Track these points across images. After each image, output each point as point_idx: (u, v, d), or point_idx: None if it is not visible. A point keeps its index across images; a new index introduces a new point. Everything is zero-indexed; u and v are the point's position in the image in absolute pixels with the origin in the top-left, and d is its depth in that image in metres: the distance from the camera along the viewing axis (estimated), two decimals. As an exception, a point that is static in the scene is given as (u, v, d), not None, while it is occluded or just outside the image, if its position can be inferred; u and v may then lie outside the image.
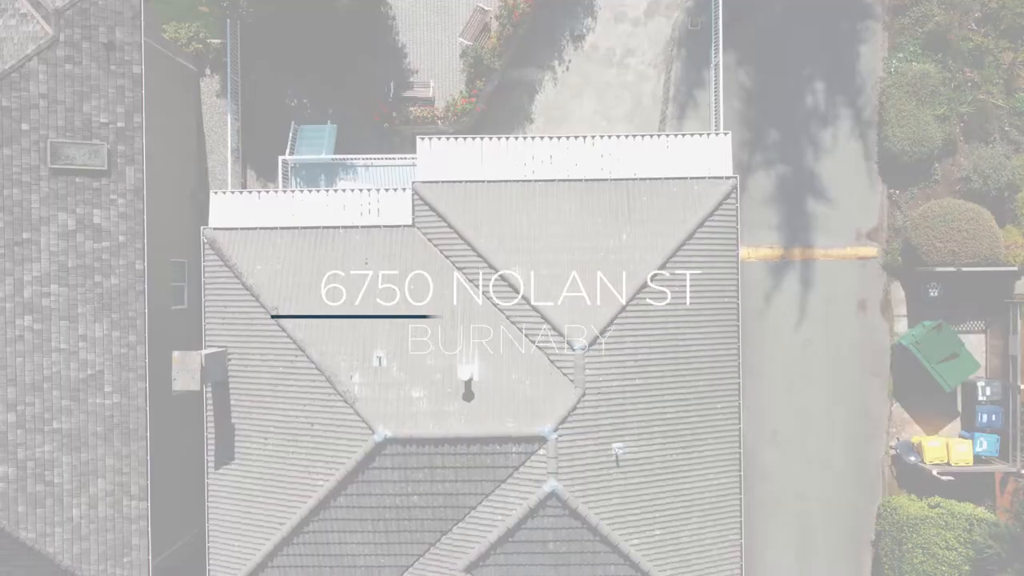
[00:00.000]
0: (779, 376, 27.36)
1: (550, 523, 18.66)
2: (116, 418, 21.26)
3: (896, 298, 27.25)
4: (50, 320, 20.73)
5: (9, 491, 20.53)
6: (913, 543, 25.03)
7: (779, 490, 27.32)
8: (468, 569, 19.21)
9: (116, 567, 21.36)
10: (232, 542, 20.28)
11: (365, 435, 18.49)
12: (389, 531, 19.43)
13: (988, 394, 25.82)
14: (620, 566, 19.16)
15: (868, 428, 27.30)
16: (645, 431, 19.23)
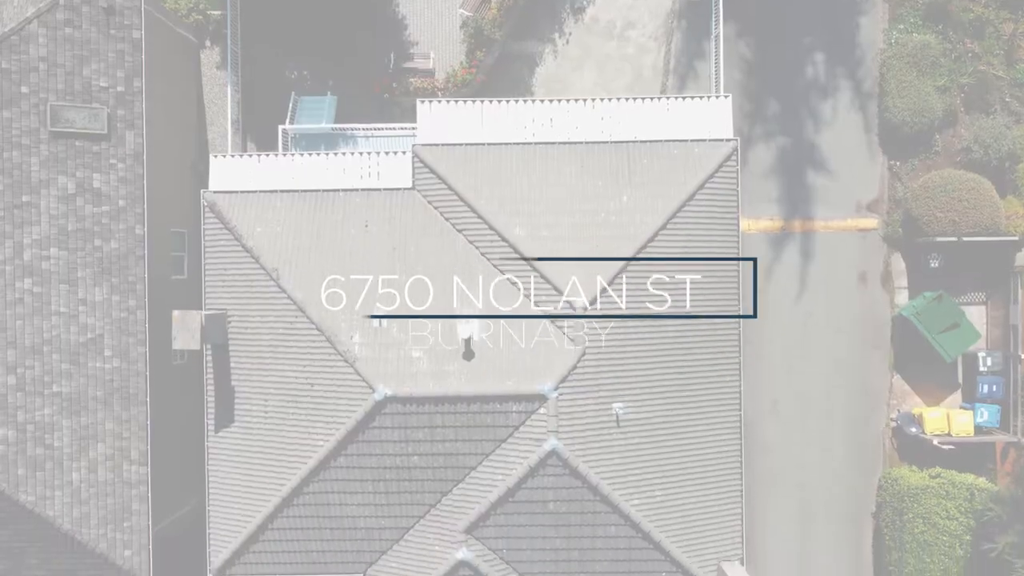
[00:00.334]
0: (779, 349, 27.33)
1: (550, 483, 18.64)
2: (116, 382, 21.23)
3: (897, 270, 27.23)
4: (50, 283, 20.70)
5: (9, 454, 20.51)
6: (914, 513, 25.01)
7: (779, 462, 27.29)
8: (468, 530, 19.18)
9: (116, 531, 21.33)
10: (232, 505, 20.25)
11: (365, 394, 18.47)
12: (389, 492, 19.40)
13: (989, 364, 25.81)
14: (620, 527, 19.13)
15: (868, 400, 27.28)
16: (645, 392, 19.20)
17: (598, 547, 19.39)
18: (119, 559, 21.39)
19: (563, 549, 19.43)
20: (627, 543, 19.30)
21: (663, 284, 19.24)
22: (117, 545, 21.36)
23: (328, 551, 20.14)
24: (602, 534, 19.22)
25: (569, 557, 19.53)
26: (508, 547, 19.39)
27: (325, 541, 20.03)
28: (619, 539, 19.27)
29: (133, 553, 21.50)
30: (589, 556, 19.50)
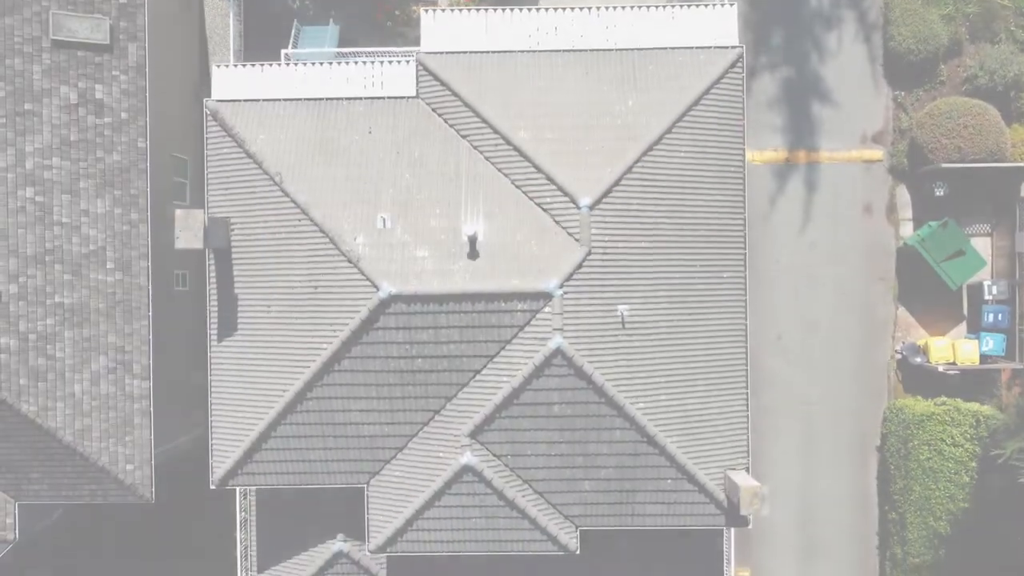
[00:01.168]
0: (783, 280, 27.24)
1: (555, 383, 18.51)
2: (118, 295, 21.13)
3: (902, 202, 27.14)
4: (52, 193, 20.61)
5: (11, 363, 20.41)
6: (919, 440, 24.90)
7: (783, 395, 27.20)
8: (473, 435, 19.06)
9: (119, 445, 21.24)
10: (235, 414, 20.12)
11: (369, 293, 18.35)
12: (393, 397, 19.27)
13: (994, 293, 25.70)
14: (626, 431, 19.01)
15: (873, 332, 27.18)
16: (651, 295, 19.07)
17: (603, 452, 19.25)
18: (121, 473, 21.29)
19: (568, 455, 19.30)
20: (632, 448, 19.17)
21: (669, 185, 19.10)
22: (119, 459, 21.26)
23: (331, 460, 20.01)
24: (607, 439, 19.08)
25: (574, 463, 19.40)
26: (512, 452, 19.26)
27: (328, 449, 19.90)
28: (624, 444, 19.14)
29: (135, 468, 21.40)
30: (594, 462, 19.37)
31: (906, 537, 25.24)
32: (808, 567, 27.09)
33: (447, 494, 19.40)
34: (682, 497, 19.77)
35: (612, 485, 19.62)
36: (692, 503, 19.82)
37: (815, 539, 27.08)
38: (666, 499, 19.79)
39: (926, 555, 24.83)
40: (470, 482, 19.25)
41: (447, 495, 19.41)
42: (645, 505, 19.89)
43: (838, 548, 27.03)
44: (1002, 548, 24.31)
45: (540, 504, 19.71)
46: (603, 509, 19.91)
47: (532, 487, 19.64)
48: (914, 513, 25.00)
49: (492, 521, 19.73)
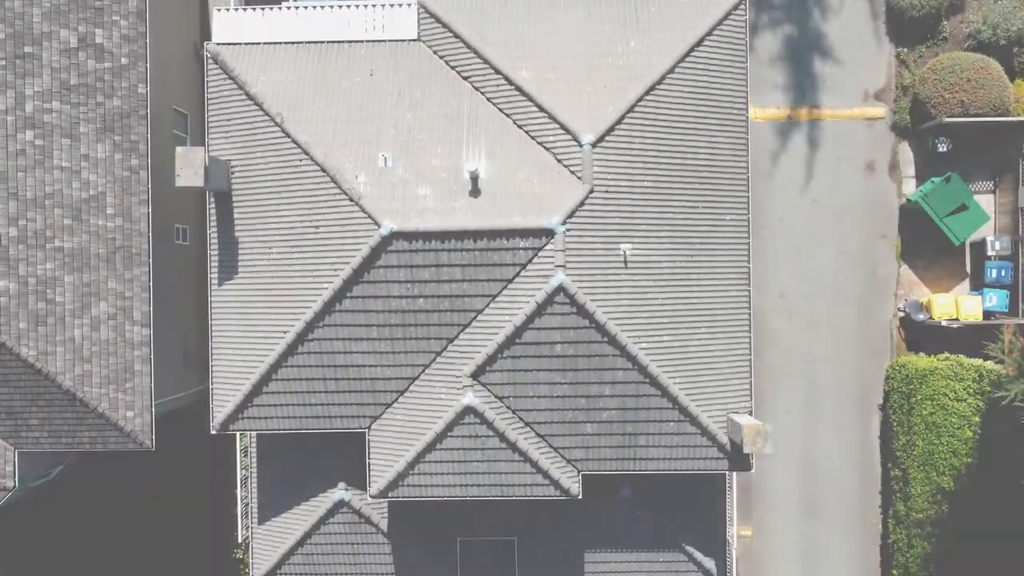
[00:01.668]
0: (786, 238, 27.19)
1: (557, 322, 18.43)
2: (119, 241, 21.05)
3: (904, 159, 27.07)
4: (52, 137, 20.51)
5: (10, 306, 20.32)
6: (922, 394, 24.81)
7: (786, 354, 27.15)
8: (475, 375, 18.97)
9: (119, 392, 21.15)
10: (235, 357, 20.03)
11: (371, 231, 18.26)
12: (395, 338, 19.18)
13: (997, 249, 25.63)
14: (628, 371, 18.92)
15: (876, 290, 27.12)
16: (653, 234, 18.99)
17: (605, 394, 19.17)
18: (121, 420, 21.21)
19: (570, 396, 19.21)
20: (635, 389, 19.09)
21: (671, 125, 19.02)
22: (119, 406, 21.17)
23: (332, 404, 19.91)
24: (609, 379, 18.99)
25: (576, 405, 19.31)
26: (514, 394, 19.18)
27: (329, 393, 19.81)
28: (627, 385, 19.05)
29: (135, 415, 21.32)
30: (596, 404, 19.28)
31: (909, 492, 25.16)
32: (810, 524, 27.02)
33: (448, 436, 19.31)
34: (684, 440, 19.69)
35: (614, 428, 19.54)
36: (694, 446, 19.74)
37: (817, 497, 27.02)
38: (668, 442, 19.70)
39: (929, 510, 24.74)
40: (471, 424, 19.15)
41: (448, 437, 19.32)
42: (647, 448, 19.81)
43: (840, 506, 26.96)
44: (1005, 503, 24.20)
45: (542, 447, 19.62)
46: (605, 453, 19.82)
47: (534, 430, 19.55)
48: (917, 468, 24.91)
49: (494, 465, 19.64)
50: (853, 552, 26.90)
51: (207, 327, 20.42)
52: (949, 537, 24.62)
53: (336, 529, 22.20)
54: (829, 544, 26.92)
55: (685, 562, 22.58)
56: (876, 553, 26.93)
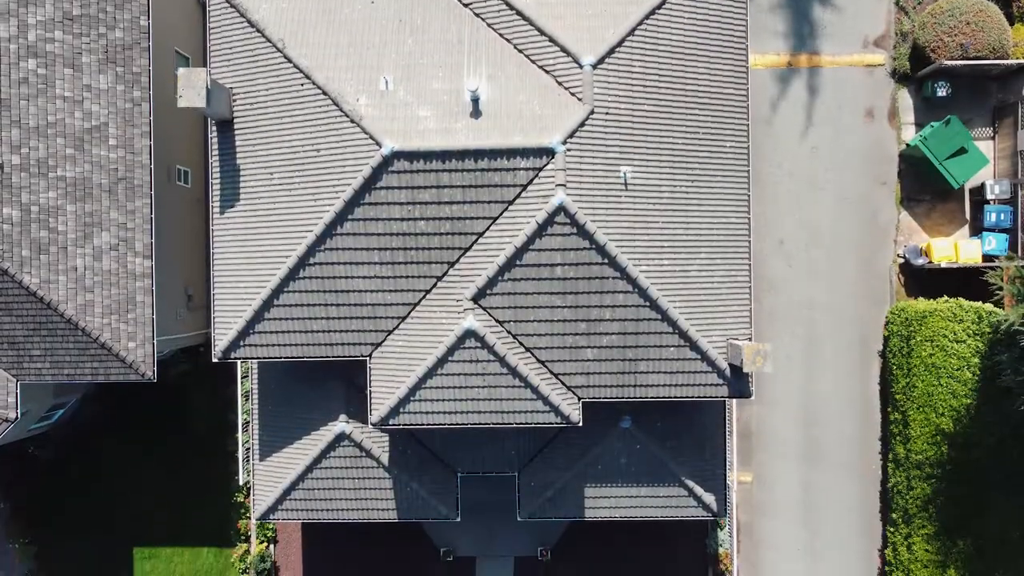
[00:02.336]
0: (785, 185, 27.27)
1: (558, 243, 18.48)
2: (121, 172, 21.13)
3: (903, 106, 27.15)
4: (55, 66, 20.60)
5: (13, 234, 20.40)
6: (921, 336, 24.88)
7: (786, 300, 27.22)
8: (475, 299, 19.03)
9: (121, 322, 21.23)
10: (237, 284, 20.08)
11: (372, 151, 18.32)
12: (396, 262, 19.25)
13: (997, 192, 25.72)
14: (628, 294, 18.97)
15: (875, 237, 27.21)
16: (654, 158, 19.05)
17: (605, 318, 19.21)
18: (123, 351, 21.29)
19: (570, 320, 19.26)
20: (635, 313, 19.14)
21: (672, 49, 19.09)
22: (121, 336, 21.25)
23: (334, 330, 19.97)
24: (609, 303, 19.04)
25: (576, 330, 19.36)
26: (515, 318, 19.23)
27: (331, 319, 19.86)
28: (627, 309, 19.10)
29: (137, 345, 21.39)
30: (596, 328, 19.32)
31: (908, 435, 25.22)
32: (810, 470, 27.07)
33: (449, 361, 19.35)
34: (684, 366, 19.73)
35: (614, 353, 19.59)
36: (694, 372, 19.77)
37: (817, 443, 27.08)
38: (668, 368, 19.74)
39: (929, 451, 24.80)
40: (472, 348, 19.20)
41: (449, 362, 19.37)
42: (647, 375, 19.85)
43: (840, 452, 27.03)
44: (1004, 446, 24.26)
45: (542, 373, 19.67)
46: (605, 379, 19.86)
47: (534, 355, 19.60)
48: (916, 410, 24.98)
49: (494, 391, 19.68)
50: (853, 497, 26.96)
51: (208, 271, 20.49)
52: (948, 478, 24.67)
53: (337, 463, 22.27)
54: (829, 490, 26.98)
55: (685, 496, 22.65)
56: (876, 499, 26.99)
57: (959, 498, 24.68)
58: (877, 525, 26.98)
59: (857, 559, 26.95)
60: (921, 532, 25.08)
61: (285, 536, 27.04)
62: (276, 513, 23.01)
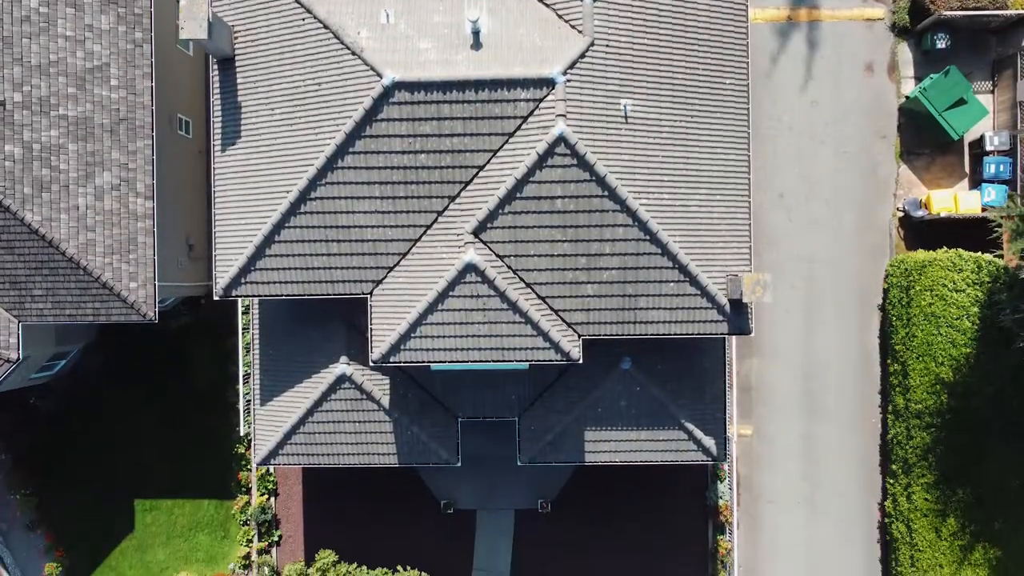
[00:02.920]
0: (785, 139, 27.33)
1: (558, 175, 18.54)
2: (122, 112, 21.19)
3: (903, 60, 27.21)
4: (57, 5, 20.66)
5: (15, 171, 20.46)
6: (921, 286, 24.93)
7: (786, 253, 27.27)
8: (476, 232, 19.09)
9: (122, 263, 21.29)
10: (238, 221, 20.14)
11: (373, 82, 18.38)
12: (396, 197, 19.30)
13: (996, 144, 25.77)
14: (628, 227, 19.02)
15: (875, 190, 27.27)
16: (654, 92, 19.12)
17: (606, 252, 19.27)
18: (124, 291, 21.34)
19: (570, 255, 19.32)
20: (635, 247, 19.19)
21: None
22: (123, 276, 21.31)
23: (335, 267, 20.01)
24: (609, 236, 19.10)
25: (576, 264, 19.42)
26: (515, 252, 19.28)
27: (332, 256, 19.91)
28: (627, 243, 19.16)
29: (139, 286, 21.45)
30: (597, 263, 19.37)
31: (908, 384, 25.27)
32: (810, 424, 27.12)
33: (450, 296, 19.41)
34: (684, 302, 19.78)
35: (614, 289, 19.64)
36: (694, 308, 19.83)
37: (817, 396, 27.13)
38: (668, 304, 19.80)
39: (928, 400, 24.83)
40: (473, 283, 19.26)
41: (450, 297, 19.42)
42: (647, 311, 19.90)
43: (840, 405, 27.07)
44: (1003, 394, 24.31)
45: (542, 309, 19.72)
46: (605, 316, 19.92)
47: (534, 291, 19.65)
48: (916, 360, 25.02)
49: (494, 327, 19.72)
50: (853, 451, 27.00)
51: (209, 224, 20.50)
52: (948, 427, 24.71)
53: (337, 406, 22.32)
54: (829, 443, 27.03)
55: (685, 440, 22.70)
56: (876, 452, 27.03)
57: (959, 447, 24.71)
58: (877, 478, 27.03)
59: (857, 512, 26.99)
60: (921, 481, 25.13)
61: (286, 489, 27.09)
62: (277, 458, 23.06)
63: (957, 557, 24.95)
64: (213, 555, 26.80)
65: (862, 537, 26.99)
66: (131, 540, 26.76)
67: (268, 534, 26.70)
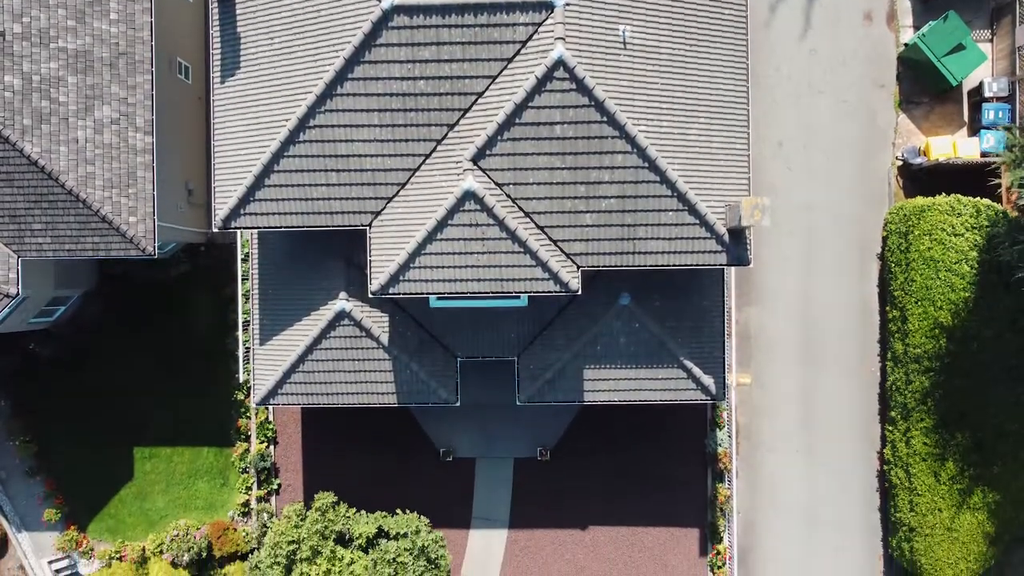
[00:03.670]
0: (784, 87, 27.34)
1: (557, 99, 18.55)
2: (122, 46, 21.20)
3: (902, 8, 27.24)
4: (54, -63, 20.69)
5: (15, 102, 20.48)
6: (920, 230, 24.94)
7: (785, 202, 27.28)
8: (475, 159, 19.10)
9: (122, 196, 21.31)
10: (238, 152, 20.17)
11: (372, 6, 18.41)
12: (396, 124, 19.32)
13: (995, 90, 25.77)
14: (627, 154, 19.04)
15: (874, 139, 27.28)
16: (653, 18, 19.14)
17: (604, 180, 19.29)
18: (124, 224, 21.36)
19: (569, 183, 19.34)
20: (634, 175, 19.21)
21: (670, -91, 19.20)
22: (122, 210, 21.33)
23: (334, 198, 20.03)
24: (608, 163, 19.12)
25: (575, 193, 19.43)
26: (514, 180, 19.30)
27: (331, 186, 19.94)
28: (626, 170, 19.18)
29: (138, 220, 21.47)
30: (595, 192, 19.39)
31: (907, 330, 25.27)
32: (809, 373, 27.13)
33: (449, 225, 19.42)
34: (683, 232, 19.81)
35: (613, 219, 19.65)
36: (693, 238, 19.85)
37: (816, 345, 27.14)
38: (667, 234, 19.82)
39: (927, 344, 24.83)
40: (471, 211, 19.27)
41: (449, 226, 19.43)
42: (646, 241, 19.92)
43: (839, 354, 27.08)
44: (1002, 339, 24.31)
45: (541, 239, 19.74)
46: (604, 246, 19.92)
47: (533, 220, 19.66)
48: (914, 304, 25.02)
49: (493, 257, 19.73)
50: (852, 399, 27.01)
51: (208, 171, 20.49)
52: (946, 371, 24.71)
53: (336, 344, 22.34)
54: (828, 392, 27.04)
55: (684, 379, 22.72)
56: (875, 401, 27.04)
57: (957, 391, 24.72)
58: (876, 428, 27.04)
59: (856, 461, 27.00)
60: (919, 426, 25.13)
61: (285, 439, 27.10)
62: (276, 398, 23.08)
63: (956, 501, 24.96)
64: (212, 503, 26.80)
65: (861, 486, 27.00)
66: (130, 488, 26.77)
67: (267, 482, 26.71)
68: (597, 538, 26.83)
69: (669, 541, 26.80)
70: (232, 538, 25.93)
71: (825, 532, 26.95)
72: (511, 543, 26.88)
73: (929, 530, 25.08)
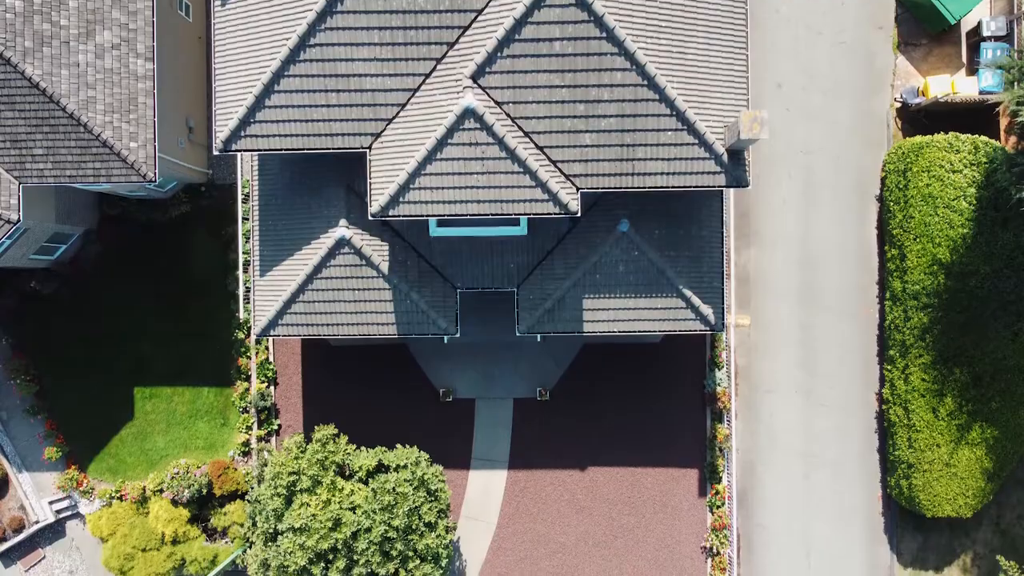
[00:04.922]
0: (783, 30, 27.41)
1: (556, 15, 18.61)
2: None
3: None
4: None
5: (16, 23, 20.53)
6: (918, 167, 25.03)
7: (783, 144, 27.36)
8: (474, 76, 19.16)
9: (123, 121, 21.37)
10: (239, 73, 20.21)
11: (372, -79, 18.51)
12: (395, 43, 19.38)
13: (993, 29, 25.86)
14: (626, 72, 19.10)
15: (872, 81, 27.35)
16: (651, -63, 19.24)
17: (604, 99, 19.35)
18: (125, 150, 21.43)
19: (569, 101, 19.40)
20: (633, 93, 19.28)
21: None
22: (123, 135, 21.39)
23: (334, 119, 20.07)
24: (608, 81, 19.17)
25: (575, 112, 19.49)
26: (514, 99, 19.36)
27: (331, 107, 19.98)
28: (625, 88, 19.24)
29: (139, 146, 21.53)
30: (595, 111, 19.45)
31: (905, 267, 25.34)
32: (808, 314, 27.21)
33: (448, 144, 19.48)
34: (682, 152, 19.87)
35: (612, 138, 19.71)
36: (692, 159, 19.92)
37: (815, 287, 27.22)
38: (666, 154, 19.88)
39: (926, 281, 24.90)
40: (471, 130, 19.33)
41: (448, 145, 19.49)
42: (645, 162, 19.98)
43: (838, 295, 27.16)
44: (1000, 275, 24.38)
45: (541, 160, 19.79)
46: (603, 167, 19.98)
47: (533, 140, 19.71)
48: (913, 241, 25.10)
49: (493, 177, 19.80)
50: (851, 340, 27.09)
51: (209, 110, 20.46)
52: (945, 307, 24.79)
53: (337, 273, 22.39)
54: (827, 333, 27.11)
55: (683, 308, 22.77)
56: (874, 343, 27.12)
57: (955, 327, 24.80)
58: (875, 369, 27.12)
59: (855, 402, 27.08)
60: (918, 362, 25.21)
61: (285, 379, 27.17)
62: (276, 328, 23.12)
63: (954, 436, 25.04)
64: (212, 442, 26.88)
65: (860, 427, 27.07)
66: (131, 427, 26.83)
67: (267, 422, 26.78)
68: (596, 478, 26.90)
69: (668, 481, 26.88)
70: (232, 477, 25.99)
71: (823, 473, 27.03)
72: (511, 483, 26.96)
73: (927, 466, 25.16)
